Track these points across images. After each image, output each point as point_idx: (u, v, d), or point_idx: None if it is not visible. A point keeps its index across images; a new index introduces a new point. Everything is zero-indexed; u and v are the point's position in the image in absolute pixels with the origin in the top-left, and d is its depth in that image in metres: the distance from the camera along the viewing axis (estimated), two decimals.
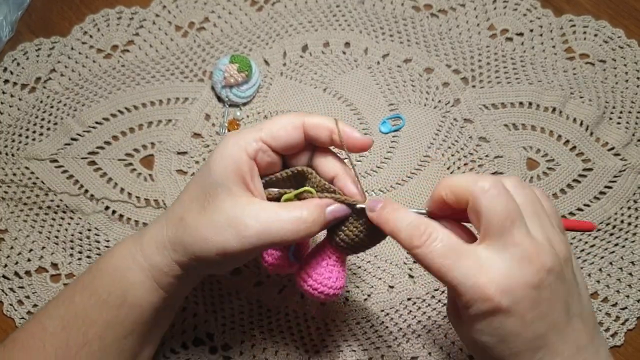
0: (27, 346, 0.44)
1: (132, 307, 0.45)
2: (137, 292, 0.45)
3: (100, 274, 0.46)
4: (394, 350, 0.57)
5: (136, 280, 0.44)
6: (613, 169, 0.62)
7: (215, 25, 0.70)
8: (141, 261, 0.44)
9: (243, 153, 0.42)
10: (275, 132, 0.42)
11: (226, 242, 0.40)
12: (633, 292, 0.58)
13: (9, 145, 0.64)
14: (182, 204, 0.44)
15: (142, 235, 0.45)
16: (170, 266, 0.44)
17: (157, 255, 0.44)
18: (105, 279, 0.45)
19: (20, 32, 0.70)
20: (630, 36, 0.68)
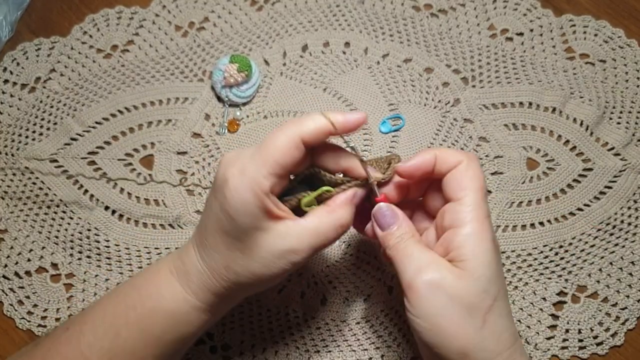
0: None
1: (185, 340, 0.46)
2: (191, 330, 0.46)
3: (151, 315, 0.44)
4: (394, 350, 0.57)
5: (194, 320, 0.45)
6: (613, 169, 0.62)
7: (215, 25, 0.70)
8: (199, 305, 0.45)
9: (258, 197, 0.40)
10: (281, 160, 0.40)
11: (281, 271, 0.42)
12: (633, 292, 0.58)
13: (8, 145, 0.64)
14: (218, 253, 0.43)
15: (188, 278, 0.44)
16: (230, 305, 0.47)
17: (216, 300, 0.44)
18: (159, 321, 0.44)
19: (20, 32, 0.70)
20: (630, 36, 0.68)
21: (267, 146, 0.40)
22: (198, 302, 0.44)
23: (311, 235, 0.41)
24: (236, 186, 0.40)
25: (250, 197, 0.39)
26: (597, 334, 0.57)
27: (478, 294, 0.39)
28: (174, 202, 0.62)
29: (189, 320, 0.45)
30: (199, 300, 0.44)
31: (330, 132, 0.41)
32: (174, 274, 0.45)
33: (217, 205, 0.41)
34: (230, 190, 0.40)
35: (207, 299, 0.44)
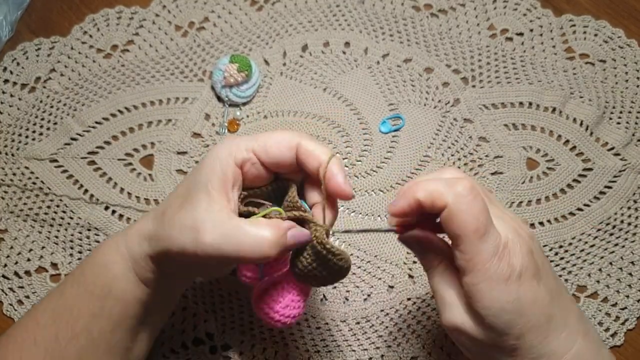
0: (19, 341, 0.45)
1: (116, 300, 0.44)
2: (120, 284, 0.44)
3: (88, 267, 0.46)
4: (394, 350, 0.57)
5: (119, 272, 0.44)
6: (613, 169, 0.62)
7: (215, 25, 0.70)
8: (124, 252, 0.44)
9: (231, 159, 0.41)
10: (269, 146, 0.41)
11: (184, 244, 0.40)
12: (633, 292, 0.58)
13: (8, 145, 0.64)
14: (168, 199, 0.44)
15: (130, 227, 0.45)
16: (145, 259, 0.44)
17: (137, 246, 0.43)
18: (93, 270, 0.45)
19: (20, 32, 0.70)
20: (630, 36, 0.68)
21: (266, 132, 0.42)
22: (126, 254, 0.44)
23: (230, 229, 0.39)
24: (221, 143, 0.42)
25: (224, 155, 0.41)
26: None
27: (497, 339, 0.39)
28: None
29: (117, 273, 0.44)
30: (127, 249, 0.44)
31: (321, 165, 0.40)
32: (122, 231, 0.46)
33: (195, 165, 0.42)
34: (215, 146, 0.43)
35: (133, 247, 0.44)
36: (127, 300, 0.45)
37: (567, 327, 0.40)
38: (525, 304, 0.38)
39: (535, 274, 0.39)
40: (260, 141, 0.41)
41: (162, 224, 0.42)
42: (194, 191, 0.41)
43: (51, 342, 0.44)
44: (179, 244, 0.40)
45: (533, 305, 0.38)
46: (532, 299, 0.38)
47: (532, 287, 0.38)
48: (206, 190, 0.40)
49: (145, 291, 0.45)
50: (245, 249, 0.38)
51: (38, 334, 0.44)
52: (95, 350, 0.45)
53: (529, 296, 0.38)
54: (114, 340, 0.45)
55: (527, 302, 0.38)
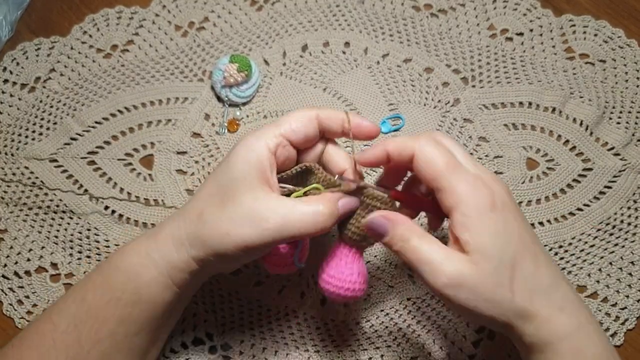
0: (37, 345, 0.44)
1: (146, 304, 0.45)
2: (151, 290, 0.45)
3: (113, 272, 0.46)
4: (394, 350, 0.57)
5: (151, 277, 0.44)
6: (613, 169, 0.62)
7: (215, 25, 0.70)
8: (156, 258, 0.44)
9: (265, 148, 0.43)
10: (294, 125, 0.44)
11: (246, 236, 0.41)
12: (633, 292, 0.58)
13: (8, 145, 0.64)
14: (199, 199, 0.45)
15: (157, 232, 0.46)
16: (187, 262, 0.44)
17: (174, 252, 0.44)
18: (119, 277, 0.45)
19: (19, 32, 0.70)
20: (630, 36, 0.68)
21: (283, 116, 0.45)
22: (159, 259, 0.44)
23: (287, 211, 0.41)
24: (248, 136, 0.44)
25: (257, 146, 0.43)
26: None
27: (495, 272, 0.40)
28: (173, 202, 0.62)
29: (149, 278, 0.44)
30: (160, 255, 0.44)
31: (344, 127, 0.45)
32: (145, 235, 0.46)
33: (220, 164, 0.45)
34: (240, 141, 0.44)
35: (168, 253, 0.44)
36: (156, 304, 0.45)
37: (551, 268, 0.42)
38: (513, 231, 0.41)
39: (516, 211, 0.42)
40: (284, 124, 0.44)
41: (205, 224, 0.43)
42: (234, 185, 0.42)
43: (73, 347, 0.44)
44: (238, 238, 0.41)
45: (520, 233, 0.41)
46: (518, 227, 0.41)
47: (516, 218, 0.41)
48: (247, 183, 0.42)
49: (175, 293, 0.46)
50: (306, 226, 0.41)
51: (57, 338, 0.44)
52: (117, 354, 0.45)
53: (515, 225, 0.41)
54: (136, 344, 0.46)
55: (515, 229, 0.41)
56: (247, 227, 0.41)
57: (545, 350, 0.41)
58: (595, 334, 0.41)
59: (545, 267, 0.42)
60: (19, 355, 0.44)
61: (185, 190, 0.63)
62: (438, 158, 0.41)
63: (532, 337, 0.41)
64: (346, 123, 0.45)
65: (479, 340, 0.57)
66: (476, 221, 0.40)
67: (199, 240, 0.43)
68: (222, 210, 0.42)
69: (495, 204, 0.40)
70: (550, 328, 0.40)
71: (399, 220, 0.43)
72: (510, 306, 0.40)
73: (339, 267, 0.45)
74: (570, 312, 0.41)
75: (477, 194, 0.40)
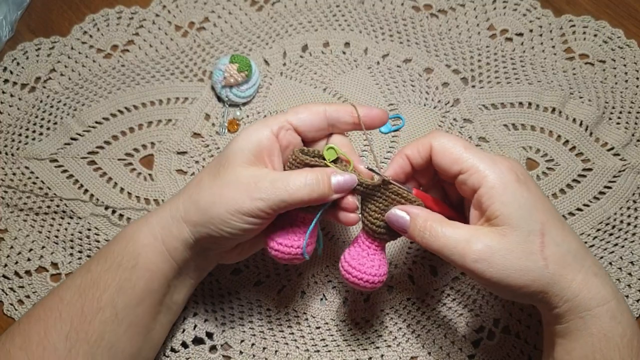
0: (44, 318, 0.46)
1: (143, 271, 0.47)
2: (148, 255, 0.47)
3: (115, 240, 0.48)
4: (394, 350, 0.57)
5: (147, 242, 0.47)
6: (612, 169, 0.63)
7: (215, 25, 0.70)
8: (153, 223, 0.47)
9: (267, 129, 0.46)
10: (299, 113, 0.47)
11: (238, 198, 0.43)
12: (632, 292, 0.58)
13: (8, 144, 0.64)
14: (201, 172, 0.48)
15: (158, 208, 0.49)
16: (180, 228, 0.46)
17: (169, 218, 0.47)
18: (120, 243, 0.48)
19: (20, 32, 0.70)
20: (629, 36, 0.68)
21: (291, 108, 0.48)
22: (155, 225, 0.47)
23: (278, 177, 0.44)
24: (254, 122, 0.48)
25: (259, 127, 0.46)
26: None
27: (525, 240, 0.41)
28: None
29: (145, 243, 0.47)
30: (157, 220, 0.47)
31: (354, 119, 0.47)
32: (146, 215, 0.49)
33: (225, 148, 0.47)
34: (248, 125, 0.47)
35: (164, 218, 0.47)
36: (153, 272, 0.47)
37: (576, 235, 0.43)
38: (537, 200, 0.42)
39: (537, 185, 0.44)
40: (292, 112, 0.47)
41: (200, 191, 0.45)
42: (231, 158, 0.45)
43: (77, 316, 0.45)
44: (231, 201, 0.43)
45: (544, 204, 0.43)
46: (542, 199, 0.43)
47: (538, 191, 0.43)
48: (242, 157, 0.45)
49: (171, 265, 0.48)
50: (294, 191, 0.43)
51: (63, 309, 0.46)
52: (118, 325, 0.46)
53: (539, 194, 0.43)
54: (137, 317, 0.47)
55: (539, 199, 0.43)
56: (238, 191, 0.43)
57: (584, 316, 0.41)
58: (624, 302, 0.42)
59: (572, 234, 0.43)
60: (27, 329, 0.46)
61: None
62: (456, 143, 0.44)
63: (571, 303, 0.41)
64: (354, 113, 0.47)
65: (478, 340, 0.57)
66: (503, 192, 0.42)
67: (193, 204, 0.45)
68: (216, 178, 0.45)
69: (518, 176, 0.43)
70: (589, 293, 0.41)
71: (418, 213, 0.44)
72: (543, 273, 0.41)
73: (361, 258, 0.47)
74: (603, 278, 0.42)
75: (500, 168, 0.43)
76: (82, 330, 0.45)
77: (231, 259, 0.52)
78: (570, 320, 0.42)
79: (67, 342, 0.44)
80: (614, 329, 0.40)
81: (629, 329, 0.41)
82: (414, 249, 0.60)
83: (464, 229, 0.42)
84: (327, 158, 0.46)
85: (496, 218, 0.42)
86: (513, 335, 0.57)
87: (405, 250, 0.60)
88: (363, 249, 0.48)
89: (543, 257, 0.41)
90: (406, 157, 0.47)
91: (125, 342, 0.47)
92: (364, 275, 0.47)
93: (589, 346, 0.41)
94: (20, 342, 0.45)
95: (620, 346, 0.40)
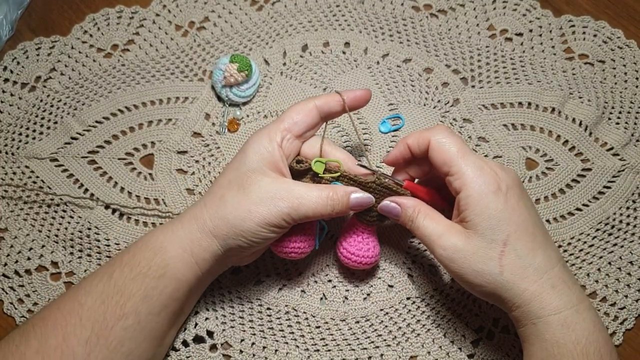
0: (62, 323, 0.46)
1: (170, 280, 0.48)
2: (176, 266, 0.48)
3: (140, 249, 0.49)
4: (393, 349, 0.57)
5: (176, 254, 0.48)
6: (612, 169, 0.63)
7: (215, 24, 0.70)
8: (181, 236, 0.49)
9: (274, 143, 0.49)
10: (295, 118, 0.50)
11: (265, 213, 0.47)
12: (631, 291, 0.59)
13: (9, 144, 0.64)
14: (219, 187, 0.50)
15: (182, 216, 0.50)
16: (210, 242, 0.49)
17: (198, 231, 0.49)
18: (146, 253, 0.48)
19: (20, 31, 0.70)
20: (629, 37, 0.68)
21: (284, 112, 0.51)
22: (184, 237, 0.49)
23: (301, 192, 0.48)
24: (258, 134, 0.50)
25: (266, 143, 0.49)
26: None
27: (487, 247, 0.45)
28: (174, 201, 0.62)
29: (174, 254, 0.48)
30: (185, 233, 0.49)
31: (341, 105, 0.51)
32: (170, 221, 0.51)
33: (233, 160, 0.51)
34: (252, 137, 0.50)
35: (193, 232, 0.49)
36: (179, 281, 0.49)
37: (548, 250, 0.46)
38: (512, 215, 0.45)
39: (522, 197, 0.47)
40: (287, 118, 0.50)
41: (227, 205, 0.48)
42: (251, 174, 0.48)
43: (99, 322, 0.46)
44: (259, 215, 0.47)
45: (518, 217, 0.46)
46: (518, 212, 0.46)
47: (518, 204, 0.46)
48: (263, 172, 0.48)
49: (196, 275, 0.50)
50: (317, 207, 0.48)
51: (84, 314, 0.46)
52: (140, 332, 0.47)
53: (515, 209, 0.46)
54: (158, 323, 0.49)
55: (515, 212, 0.46)
56: (265, 205, 0.47)
57: (536, 323, 0.45)
58: (586, 312, 0.45)
59: (542, 249, 0.46)
60: (43, 332, 0.46)
61: (186, 190, 0.63)
62: (451, 145, 0.47)
63: (522, 309, 0.45)
64: (341, 99, 0.51)
65: (478, 339, 0.57)
66: (477, 202, 0.46)
67: (222, 220, 0.48)
68: (242, 193, 0.48)
69: (499, 188, 0.46)
70: (540, 302, 0.44)
71: (407, 203, 0.50)
72: (498, 278, 0.45)
73: (357, 243, 0.54)
74: (561, 290, 0.45)
75: (482, 178, 0.46)
76: (102, 337, 0.45)
77: (246, 261, 0.54)
78: (525, 325, 0.46)
79: (87, 347, 0.45)
80: (566, 336, 0.44)
81: (584, 338, 0.44)
82: (414, 249, 0.60)
83: (441, 225, 0.48)
84: (318, 171, 0.51)
85: (467, 222, 0.46)
86: (512, 334, 0.57)
87: (405, 250, 0.60)
88: (358, 235, 0.54)
89: (500, 265, 0.45)
90: (407, 146, 0.51)
91: (144, 349, 0.48)
92: (363, 259, 0.54)
93: (544, 350, 0.44)
94: (37, 346, 0.45)
95: (574, 353, 0.43)
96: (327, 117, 0.53)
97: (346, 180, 0.51)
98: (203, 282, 0.53)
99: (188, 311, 0.55)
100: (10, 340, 0.46)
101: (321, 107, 0.51)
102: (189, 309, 0.55)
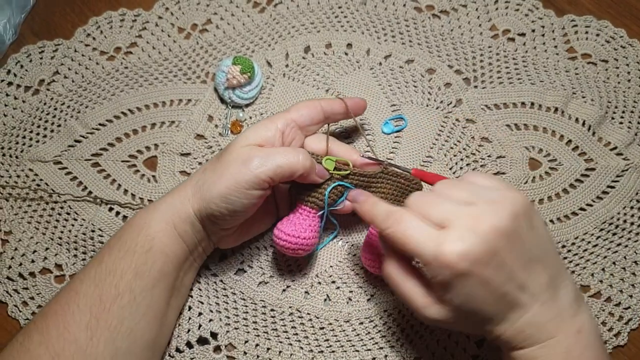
0: (60, 312, 0.47)
1: (158, 254, 0.49)
2: (162, 239, 0.49)
3: (126, 231, 0.50)
4: (397, 350, 0.57)
5: (160, 228, 0.50)
6: (615, 169, 0.63)
7: (217, 27, 0.70)
8: (164, 210, 0.50)
9: (273, 125, 0.51)
10: (301, 110, 0.53)
11: (235, 172, 0.47)
12: (636, 291, 0.58)
13: (12, 147, 0.65)
14: (205, 163, 0.52)
15: (166, 195, 0.52)
16: (188, 212, 0.50)
17: (178, 202, 0.50)
18: (132, 231, 0.50)
19: (23, 35, 0.70)
20: (632, 36, 0.68)
21: (291, 106, 0.54)
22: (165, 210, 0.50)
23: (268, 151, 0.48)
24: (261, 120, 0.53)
25: (266, 122, 0.51)
26: (600, 334, 0.57)
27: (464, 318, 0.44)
28: None
29: (158, 229, 0.50)
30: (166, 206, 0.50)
31: (344, 109, 0.55)
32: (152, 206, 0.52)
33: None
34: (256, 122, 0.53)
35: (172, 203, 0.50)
36: (167, 255, 0.50)
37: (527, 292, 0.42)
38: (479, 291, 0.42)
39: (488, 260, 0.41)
40: (293, 109, 0.53)
41: (204, 174, 0.50)
42: (234, 145, 0.49)
43: (95, 305, 0.47)
44: (231, 175, 0.47)
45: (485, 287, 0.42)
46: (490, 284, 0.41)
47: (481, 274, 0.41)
48: (246, 142, 0.49)
49: (182, 248, 0.51)
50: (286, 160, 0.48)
51: (80, 300, 0.47)
52: (137, 309, 0.48)
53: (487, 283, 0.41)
54: (153, 299, 0.49)
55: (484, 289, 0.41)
56: (236, 166, 0.48)
57: None
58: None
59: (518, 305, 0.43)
60: (43, 325, 0.47)
61: None
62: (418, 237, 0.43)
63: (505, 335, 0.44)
64: (344, 103, 0.55)
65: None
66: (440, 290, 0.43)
67: (198, 189, 0.49)
68: (218, 159, 0.50)
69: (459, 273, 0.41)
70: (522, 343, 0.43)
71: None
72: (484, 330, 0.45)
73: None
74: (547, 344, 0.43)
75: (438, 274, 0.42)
76: (101, 319, 0.46)
77: (228, 244, 0.55)
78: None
79: (88, 332, 0.46)
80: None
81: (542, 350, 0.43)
82: None
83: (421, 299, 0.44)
84: (329, 168, 0.52)
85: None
86: None
87: None
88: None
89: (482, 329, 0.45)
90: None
91: (144, 326, 0.49)
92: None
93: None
94: (39, 338, 0.46)
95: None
96: (330, 120, 0.55)
97: (356, 178, 0.53)
98: (192, 259, 0.54)
99: (185, 293, 0.56)
100: (15, 341, 0.47)
101: (325, 107, 0.54)
102: (186, 292, 0.56)
